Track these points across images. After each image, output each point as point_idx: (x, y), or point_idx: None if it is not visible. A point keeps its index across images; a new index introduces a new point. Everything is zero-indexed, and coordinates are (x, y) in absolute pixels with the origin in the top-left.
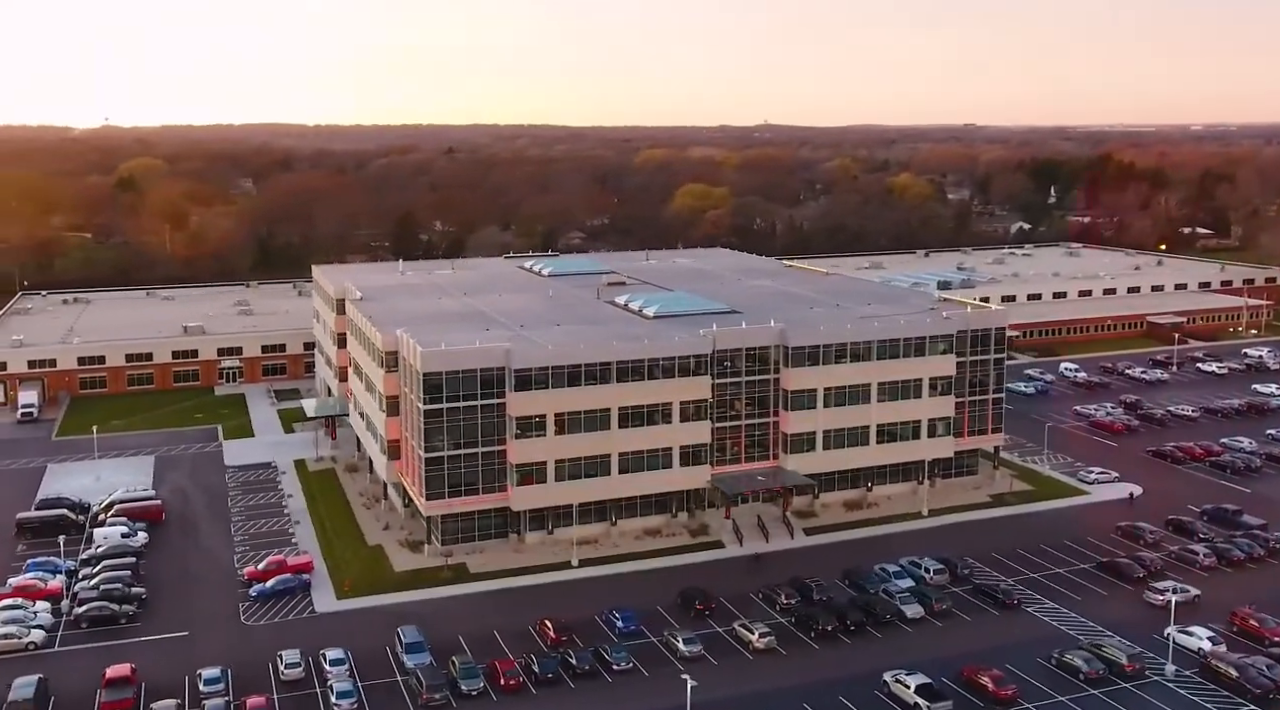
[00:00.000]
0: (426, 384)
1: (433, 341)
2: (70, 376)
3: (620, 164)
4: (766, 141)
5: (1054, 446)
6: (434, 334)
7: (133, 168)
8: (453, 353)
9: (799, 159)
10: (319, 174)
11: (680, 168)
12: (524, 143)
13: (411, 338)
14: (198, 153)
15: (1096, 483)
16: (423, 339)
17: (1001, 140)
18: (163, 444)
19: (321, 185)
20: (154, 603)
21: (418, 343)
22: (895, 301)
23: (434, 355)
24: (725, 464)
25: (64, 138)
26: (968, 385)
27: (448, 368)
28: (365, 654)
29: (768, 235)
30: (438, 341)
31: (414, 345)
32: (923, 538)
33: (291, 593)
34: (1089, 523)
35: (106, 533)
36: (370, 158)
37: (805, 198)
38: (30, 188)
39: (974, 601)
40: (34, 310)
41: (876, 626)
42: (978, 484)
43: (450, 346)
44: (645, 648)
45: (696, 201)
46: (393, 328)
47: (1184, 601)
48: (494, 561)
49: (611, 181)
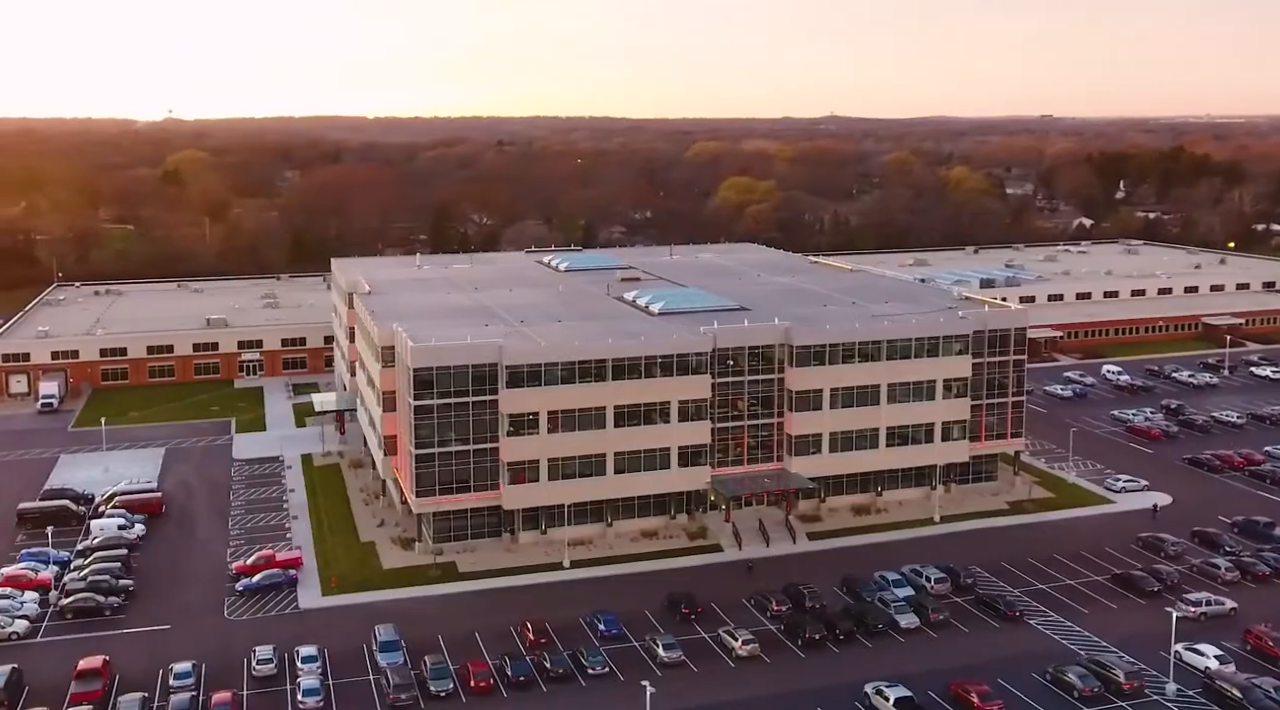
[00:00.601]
0: (416, 379)
1: (429, 336)
2: (92, 368)
3: (671, 157)
4: (827, 134)
5: (1085, 452)
6: (431, 329)
7: (179, 160)
8: (443, 348)
9: (855, 152)
10: (361, 167)
11: (731, 161)
12: (580, 135)
13: (405, 332)
14: (247, 145)
15: (1124, 491)
16: (420, 334)
17: (1076, 132)
18: (176, 436)
19: (362, 178)
20: (141, 595)
21: (410, 338)
22: (913, 300)
23: (424, 350)
24: (727, 465)
25: (124, 130)
26: (985, 387)
27: (438, 363)
28: (342, 652)
29: (813, 230)
30: (435, 336)
31: (406, 340)
32: (931, 545)
33: (278, 588)
34: (1109, 533)
35: (103, 524)
36: (419, 151)
37: (858, 192)
38: (77, 180)
39: (975, 612)
40: (65, 301)
41: (868, 636)
42: (996, 491)
43: (442, 342)
44: (625, 652)
45: (740, 195)
46: (394, 322)
47: (1218, 615)
48: (485, 561)
49: (659, 175)
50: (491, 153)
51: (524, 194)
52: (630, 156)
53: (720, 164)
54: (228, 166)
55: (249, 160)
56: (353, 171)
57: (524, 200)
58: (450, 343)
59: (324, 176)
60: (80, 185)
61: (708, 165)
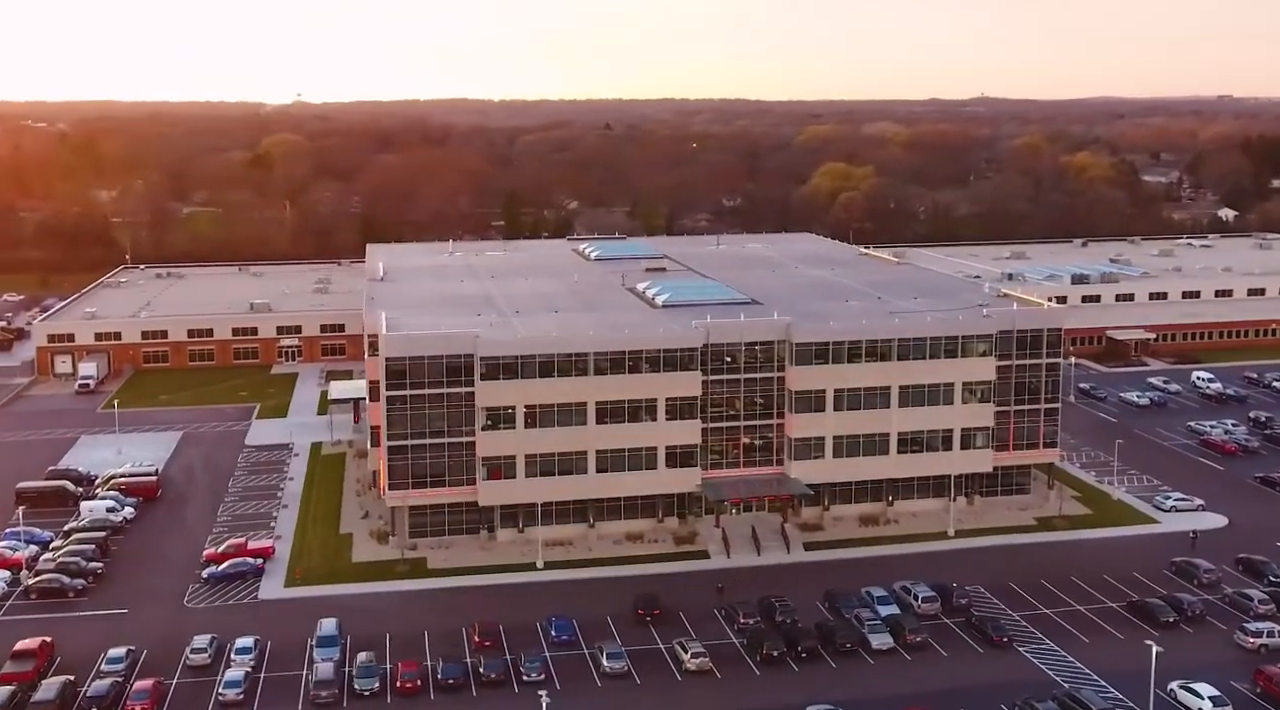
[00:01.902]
0: (389, 369)
1: (415, 325)
2: (135, 350)
3: (781, 141)
4: (967, 117)
5: (1144, 466)
6: (420, 317)
7: (271, 144)
8: (417, 337)
9: (981, 137)
10: (445, 150)
11: (840, 145)
12: (704, 118)
13: (386, 321)
14: (354, 128)
15: (1173, 511)
16: (405, 323)
17: (1252, 114)
18: (197, 420)
19: (447, 162)
20: (110, 578)
21: (388, 326)
22: (948, 296)
23: (397, 340)
24: (722, 468)
25: (252, 114)
26: (1013, 392)
27: (411, 353)
28: (284, 645)
29: (908, 219)
30: (420, 325)
31: (382, 328)
32: (939, 561)
33: (243, 577)
34: (1142, 556)
35: (93, 506)
36: (527, 133)
37: (975, 178)
38: (173, 164)
39: (961, 635)
40: (127, 284)
41: (835, 655)
42: (1026, 505)
43: (416, 331)
44: (572, 660)
45: (834, 182)
46: (392, 310)
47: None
48: (457, 558)
49: (761, 160)
50: (591, 136)
51: (613, 179)
52: (736, 141)
53: (828, 149)
54: (320, 150)
55: (342, 144)
56: (437, 156)
57: (613, 185)
58: (425, 332)
59: (405, 161)
60: (174, 169)
61: (815, 150)
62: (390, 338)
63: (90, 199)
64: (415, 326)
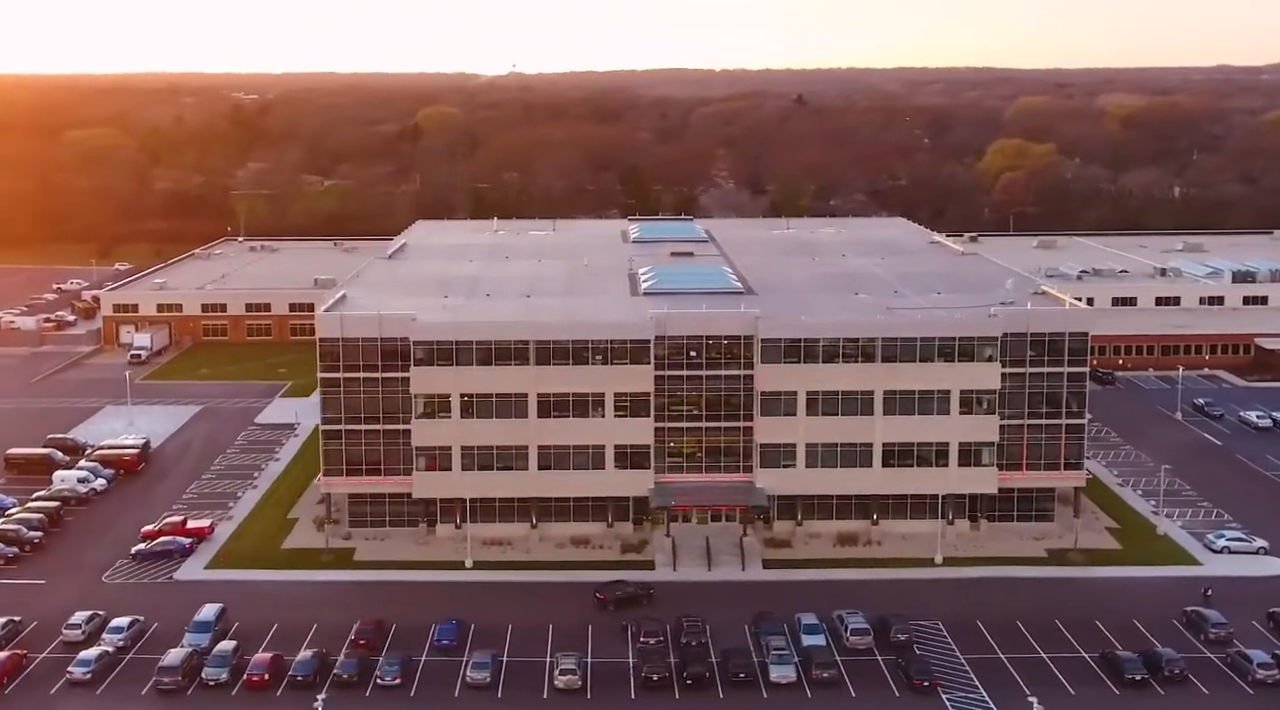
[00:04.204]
0: (322, 350)
1: (374, 306)
2: (194, 322)
3: (991, 112)
4: (1256, 89)
5: (1223, 499)
6: (385, 298)
7: (427, 116)
8: (351, 318)
9: (1218, 110)
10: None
11: (1047, 118)
12: (935, 89)
13: (334, 301)
14: (523, 101)
15: (1224, 551)
16: (367, 302)
17: None
18: (223, 396)
19: (581, 135)
20: (47, 549)
21: (346, 307)
22: (983, 291)
23: (330, 320)
24: (681, 472)
25: (461, 86)
26: (1026, 404)
27: (345, 335)
28: (168, 628)
29: (1085, 203)
30: (381, 306)
31: (320, 308)
32: (914, 590)
33: (169, 556)
34: (1155, 601)
35: (65, 476)
36: (705, 104)
37: (1198, 159)
38: (322, 136)
39: (884, 674)
40: (220, 256)
41: (728, 684)
42: (1044, 533)
43: (350, 312)
44: (441, 666)
45: (1007, 161)
46: (362, 288)
47: None
48: (388, 552)
49: (944, 136)
50: (768, 108)
51: (769, 154)
52: (943, 114)
53: (1029, 122)
54: (472, 123)
55: (494, 117)
56: (576, 129)
57: (764, 162)
58: (359, 313)
59: (528, 136)
60: (321, 142)
61: (1019, 122)
62: (323, 318)
63: (221, 171)
64: (373, 307)
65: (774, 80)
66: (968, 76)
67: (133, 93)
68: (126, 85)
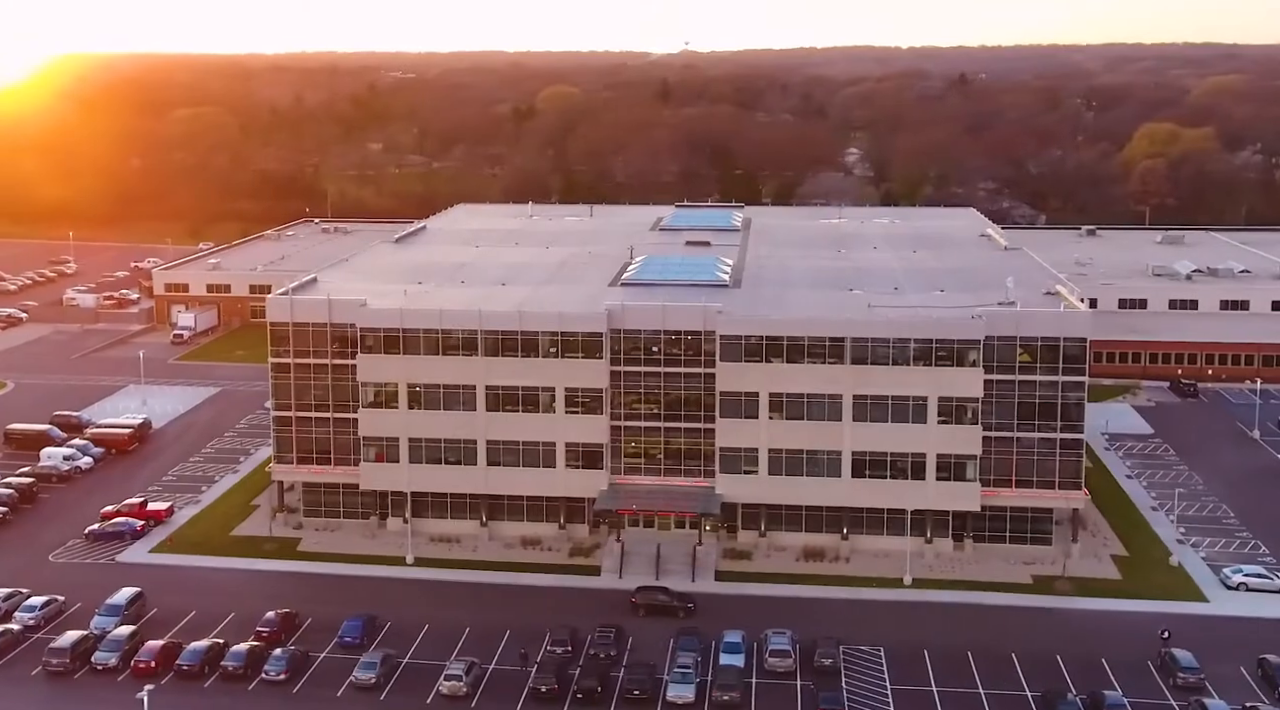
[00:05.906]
0: (272, 334)
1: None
2: (242, 303)
3: (1176, 93)
4: None
5: (1269, 532)
6: (363, 283)
7: (547, 96)
8: (300, 302)
9: None
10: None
11: (1233, 99)
12: (1138, 67)
13: (300, 283)
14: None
15: (1240, 588)
16: (344, 288)
17: None
18: (245, 379)
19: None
20: (9, 525)
21: (280, 290)
22: (987, 290)
23: (279, 304)
24: (639, 474)
25: (630, 63)
26: (1015, 414)
27: (295, 319)
28: (87, 609)
29: (1239, 194)
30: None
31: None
32: (872, 612)
33: (120, 538)
34: (1134, 639)
35: (52, 453)
36: (856, 83)
37: None
38: (440, 117)
39: (794, 701)
40: (291, 237)
41: (620, 701)
42: (1035, 558)
43: (300, 296)
44: (335, 664)
45: (1152, 147)
46: (338, 272)
47: None
48: (334, 543)
49: (1104, 118)
50: (917, 88)
51: (899, 138)
52: (1123, 94)
53: (1213, 105)
54: (592, 104)
55: (614, 98)
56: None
57: (896, 145)
58: (308, 296)
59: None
60: (437, 123)
61: (1202, 104)
62: (273, 301)
63: (324, 152)
64: (340, 292)
65: (960, 58)
66: (1183, 53)
67: (267, 71)
68: (282, 63)
